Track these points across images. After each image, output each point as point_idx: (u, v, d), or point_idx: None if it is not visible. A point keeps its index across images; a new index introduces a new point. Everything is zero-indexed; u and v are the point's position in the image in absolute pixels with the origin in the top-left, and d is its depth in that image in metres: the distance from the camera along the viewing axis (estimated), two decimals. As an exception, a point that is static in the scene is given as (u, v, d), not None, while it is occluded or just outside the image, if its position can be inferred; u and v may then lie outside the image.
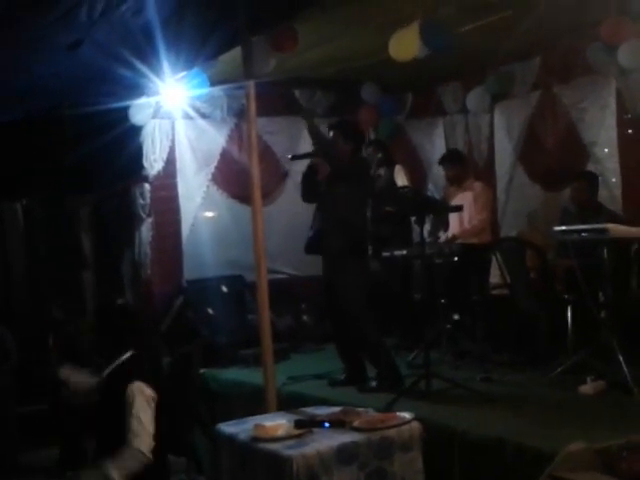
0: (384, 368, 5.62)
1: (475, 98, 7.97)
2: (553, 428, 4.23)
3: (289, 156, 6.29)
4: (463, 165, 7.20)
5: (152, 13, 4.56)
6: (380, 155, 7.55)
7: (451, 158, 7.22)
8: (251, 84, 5.28)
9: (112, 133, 7.13)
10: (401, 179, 7.54)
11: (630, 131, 6.81)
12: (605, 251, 5.19)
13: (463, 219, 6.87)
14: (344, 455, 3.95)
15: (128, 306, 5.53)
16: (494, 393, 5.14)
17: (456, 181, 7.10)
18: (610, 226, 5.04)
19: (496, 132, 8.07)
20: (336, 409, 4.61)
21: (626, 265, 5.64)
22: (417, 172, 8.49)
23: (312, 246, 5.89)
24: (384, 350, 5.77)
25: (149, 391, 4.05)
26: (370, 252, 6.39)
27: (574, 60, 7.07)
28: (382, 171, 7.45)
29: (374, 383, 5.60)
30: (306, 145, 8.26)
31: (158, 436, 4.07)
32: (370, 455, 4.02)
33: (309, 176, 5.85)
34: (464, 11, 5.85)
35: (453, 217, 6.96)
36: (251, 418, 4.68)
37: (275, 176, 8.23)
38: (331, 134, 5.84)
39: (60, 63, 5.05)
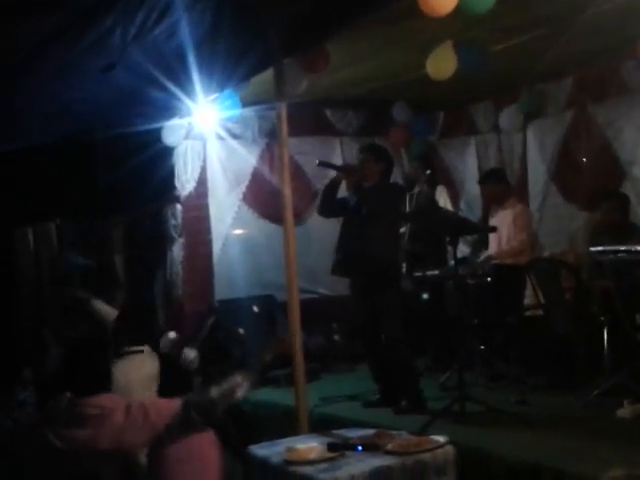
0: (413, 393, 5.58)
1: (508, 117, 7.93)
2: (591, 453, 4.16)
3: (317, 161, 6.26)
4: (505, 184, 7.05)
5: (185, 36, 4.57)
6: (429, 171, 7.49)
7: (493, 177, 7.07)
8: (283, 105, 5.29)
9: (145, 154, 7.17)
10: (443, 199, 7.51)
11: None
12: (642, 272, 5.11)
13: (502, 239, 6.76)
14: (377, 479, 3.91)
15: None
16: (530, 416, 5.06)
17: (496, 200, 6.98)
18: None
19: (529, 151, 8.01)
20: (369, 432, 4.57)
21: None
22: (450, 191, 8.44)
23: (341, 268, 5.86)
24: (415, 372, 5.75)
25: None
26: (404, 271, 6.37)
27: (608, 79, 7.02)
28: (424, 188, 7.39)
29: (404, 403, 5.55)
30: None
31: None
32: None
33: (330, 191, 5.87)
34: (496, 31, 5.81)
35: (493, 237, 6.82)
36: (283, 440, 4.65)
37: (306, 196, 8.20)
38: (362, 156, 5.87)
39: (93, 87, 5.08)
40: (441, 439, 4.23)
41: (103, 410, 3.37)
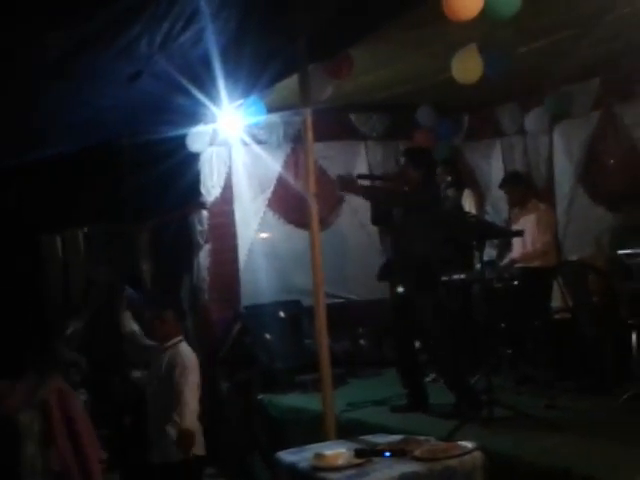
0: (465, 393, 5.54)
1: (534, 119, 7.87)
2: (623, 458, 4.12)
3: (355, 175, 6.25)
4: (524, 187, 7.07)
5: (211, 43, 4.58)
6: (450, 178, 7.52)
7: (512, 181, 7.11)
8: (308, 111, 5.29)
9: (170, 161, 7.21)
10: (469, 204, 7.50)
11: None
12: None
13: (526, 242, 6.73)
14: (406, 485, 3.89)
15: None
16: (559, 421, 5.02)
17: (519, 203, 7.00)
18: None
19: (555, 153, 7.95)
20: (397, 437, 4.55)
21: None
22: (475, 194, 8.41)
23: (387, 274, 5.88)
24: (464, 375, 5.71)
25: None
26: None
27: (635, 79, 6.95)
28: (450, 192, 7.40)
29: (452, 408, 5.52)
30: (362, 169, 8.27)
31: None
32: (432, 486, 3.95)
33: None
34: (522, 33, 5.78)
35: (516, 240, 6.82)
36: (311, 446, 4.64)
37: (331, 201, 8.20)
38: (402, 162, 5.88)
39: (120, 95, 5.11)
40: (469, 445, 4.21)
41: None
